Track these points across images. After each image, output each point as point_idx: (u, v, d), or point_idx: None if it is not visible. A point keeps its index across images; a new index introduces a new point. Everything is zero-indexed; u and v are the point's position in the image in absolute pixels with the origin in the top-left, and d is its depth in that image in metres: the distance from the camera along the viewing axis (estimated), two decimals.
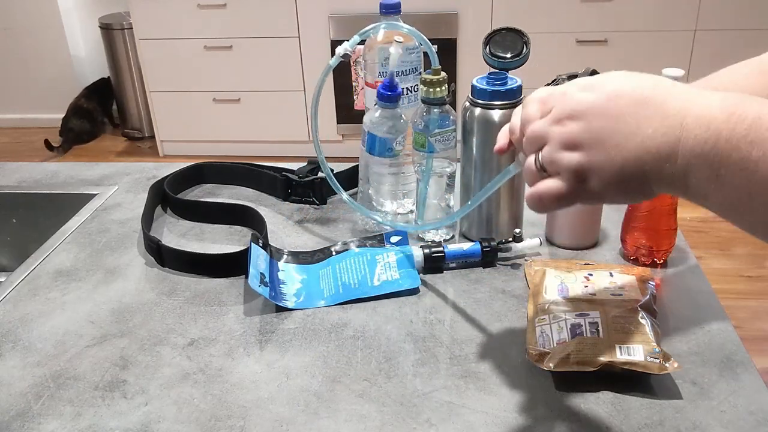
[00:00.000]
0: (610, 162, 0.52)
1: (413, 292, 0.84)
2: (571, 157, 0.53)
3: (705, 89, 0.51)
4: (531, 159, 0.56)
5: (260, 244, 0.86)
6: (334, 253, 0.90)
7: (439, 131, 0.87)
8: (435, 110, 0.87)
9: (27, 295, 0.87)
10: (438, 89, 0.86)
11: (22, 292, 0.88)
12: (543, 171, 0.55)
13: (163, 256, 0.91)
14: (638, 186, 0.52)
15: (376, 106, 0.91)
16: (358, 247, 0.90)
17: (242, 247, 0.89)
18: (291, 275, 0.86)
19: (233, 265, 0.88)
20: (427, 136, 0.87)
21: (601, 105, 0.52)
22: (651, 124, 0.50)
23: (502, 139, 0.64)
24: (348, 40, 0.87)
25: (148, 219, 1.00)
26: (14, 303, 0.85)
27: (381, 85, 0.89)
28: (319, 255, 0.90)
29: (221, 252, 0.93)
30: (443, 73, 0.86)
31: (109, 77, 3.82)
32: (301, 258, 0.90)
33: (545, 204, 0.56)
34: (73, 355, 0.76)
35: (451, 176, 0.91)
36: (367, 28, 0.86)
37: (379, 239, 0.92)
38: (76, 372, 0.73)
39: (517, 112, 0.61)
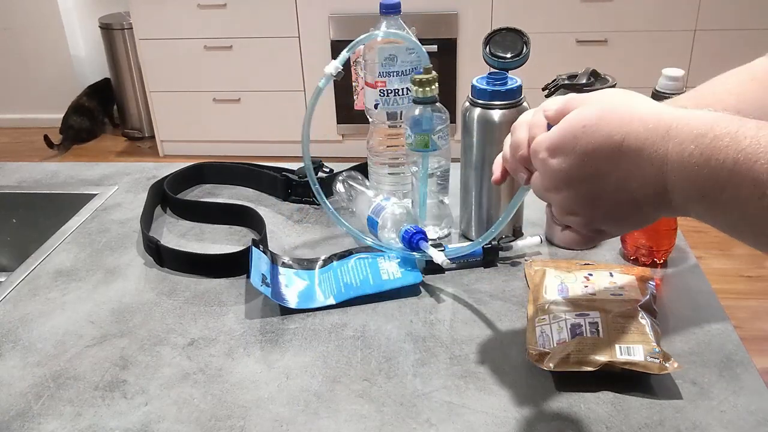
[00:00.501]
0: (611, 215, 0.54)
1: (415, 291, 0.83)
2: (576, 220, 0.56)
3: (675, 111, 0.50)
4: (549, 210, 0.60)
5: (260, 249, 0.86)
6: (335, 259, 0.90)
7: (440, 128, 0.87)
8: (429, 108, 0.87)
9: (27, 295, 0.87)
10: (431, 88, 0.86)
11: (22, 292, 0.88)
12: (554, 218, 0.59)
13: (162, 257, 0.91)
14: (646, 218, 0.54)
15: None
16: (359, 252, 0.90)
17: (241, 247, 0.89)
18: (292, 278, 0.86)
19: (232, 265, 0.88)
20: (430, 134, 0.87)
21: (577, 172, 0.52)
22: (634, 179, 0.50)
23: (497, 170, 0.65)
24: (333, 65, 0.84)
25: (147, 219, 1.00)
26: (14, 303, 0.85)
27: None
28: (320, 262, 0.90)
29: (221, 252, 0.93)
30: (434, 72, 0.86)
31: (107, 79, 3.82)
32: (301, 264, 0.89)
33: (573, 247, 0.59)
34: (73, 355, 0.76)
35: (444, 174, 0.91)
36: (355, 41, 0.84)
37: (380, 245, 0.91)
38: (76, 372, 0.73)
39: (507, 140, 0.62)
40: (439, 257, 0.83)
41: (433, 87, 0.86)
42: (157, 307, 0.83)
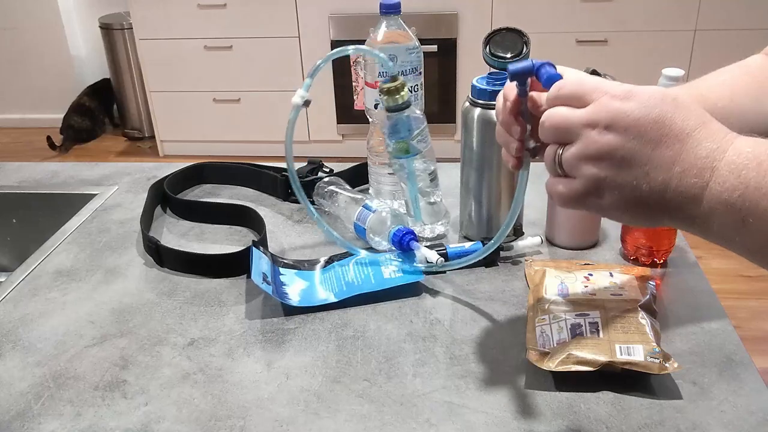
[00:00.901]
0: (633, 187, 0.50)
1: (416, 291, 0.83)
2: (594, 170, 0.51)
3: (730, 131, 0.50)
4: (551, 150, 0.54)
5: (260, 249, 0.86)
6: (336, 260, 0.89)
7: (417, 132, 0.86)
8: (404, 115, 0.85)
9: (27, 295, 0.87)
10: (400, 94, 0.83)
11: (22, 292, 0.88)
12: (560, 167, 0.54)
13: (162, 257, 0.91)
14: (650, 215, 0.52)
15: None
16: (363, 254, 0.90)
17: (241, 248, 0.89)
18: (293, 278, 0.86)
19: (232, 265, 0.89)
20: (408, 140, 0.86)
21: (644, 127, 0.49)
22: (684, 163, 0.49)
23: (510, 157, 0.62)
24: (301, 88, 0.86)
25: (147, 219, 1.00)
26: (14, 303, 0.85)
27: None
28: (321, 263, 0.90)
29: (221, 252, 0.93)
30: (400, 78, 0.84)
31: (106, 79, 3.82)
32: (302, 266, 0.89)
33: (552, 198, 0.55)
34: (73, 355, 0.76)
35: (433, 173, 0.91)
36: (320, 62, 0.83)
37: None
38: (76, 372, 0.73)
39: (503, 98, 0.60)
40: (432, 256, 0.83)
41: (402, 93, 0.83)
42: (157, 307, 0.83)
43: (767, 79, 0.68)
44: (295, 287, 0.84)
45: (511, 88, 0.60)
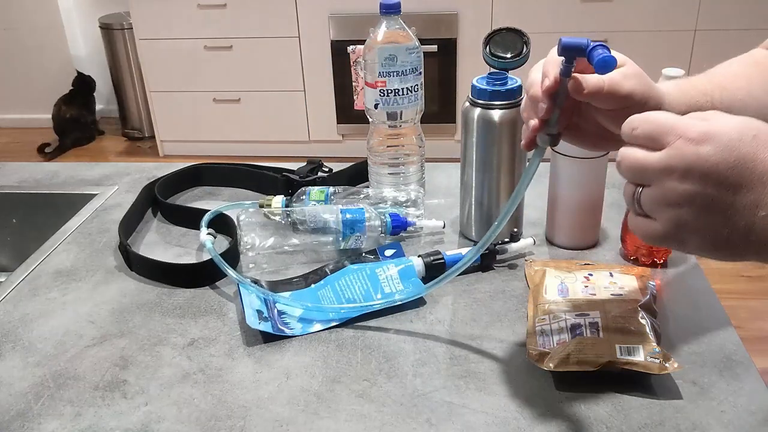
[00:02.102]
0: (714, 232, 0.49)
1: (419, 301, 0.82)
2: (674, 215, 0.50)
3: None
4: (630, 189, 0.52)
5: (248, 283, 0.81)
6: (329, 272, 0.86)
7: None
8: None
9: (27, 295, 0.87)
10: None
11: (22, 292, 0.88)
12: (639, 206, 0.52)
13: (132, 262, 0.90)
14: (735, 253, 0.51)
15: None
16: (353, 263, 0.87)
17: (202, 259, 0.88)
18: (289, 302, 0.81)
19: (196, 275, 0.87)
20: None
21: (723, 173, 0.47)
22: (766, 205, 0.47)
23: (533, 85, 0.59)
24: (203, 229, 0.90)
25: (130, 221, 0.99)
26: (14, 303, 0.85)
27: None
28: (313, 277, 0.86)
29: (191, 262, 0.92)
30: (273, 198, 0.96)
31: (79, 72, 3.76)
32: (295, 283, 0.85)
33: (636, 234, 0.54)
34: (73, 355, 0.76)
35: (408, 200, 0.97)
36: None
37: (373, 255, 0.89)
38: (76, 372, 0.73)
39: (552, 61, 0.58)
40: (438, 223, 0.93)
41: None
42: (157, 307, 0.83)
43: None
44: (295, 314, 0.80)
45: (552, 64, 0.58)
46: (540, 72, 0.60)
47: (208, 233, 0.90)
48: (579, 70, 0.58)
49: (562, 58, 0.57)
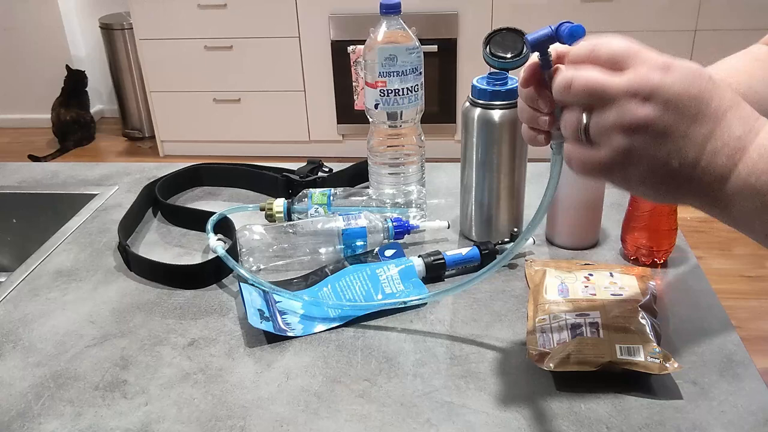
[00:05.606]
0: (663, 161, 0.49)
1: (422, 304, 0.81)
2: (626, 141, 0.48)
3: (760, 116, 0.49)
4: (574, 115, 0.51)
5: (249, 283, 0.82)
6: (329, 273, 0.86)
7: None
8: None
9: (27, 295, 0.87)
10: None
11: (23, 292, 0.88)
12: (585, 134, 0.51)
13: (131, 262, 0.90)
14: (674, 191, 0.50)
15: None
16: (352, 264, 0.86)
17: (203, 260, 0.88)
18: (290, 303, 0.82)
19: (195, 277, 0.87)
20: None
21: (683, 102, 0.47)
22: (716, 142, 0.48)
23: (522, 83, 0.59)
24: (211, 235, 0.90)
25: (130, 222, 0.99)
26: (15, 303, 0.85)
27: None
28: (313, 278, 0.86)
29: (191, 263, 0.91)
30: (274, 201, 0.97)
31: (69, 67, 3.76)
32: (295, 284, 0.85)
33: (572, 167, 0.52)
34: (73, 355, 0.76)
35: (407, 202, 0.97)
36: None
37: (373, 255, 0.89)
38: (76, 372, 0.73)
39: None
40: (442, 223, 0.92)
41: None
42: (157, 307, 0.83)
43: None
44: (296, 314, 0.80)
45: (532, 67, 0.58)
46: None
47: (218, 239, 0.88)
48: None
49: (537, 53, 0.57)
